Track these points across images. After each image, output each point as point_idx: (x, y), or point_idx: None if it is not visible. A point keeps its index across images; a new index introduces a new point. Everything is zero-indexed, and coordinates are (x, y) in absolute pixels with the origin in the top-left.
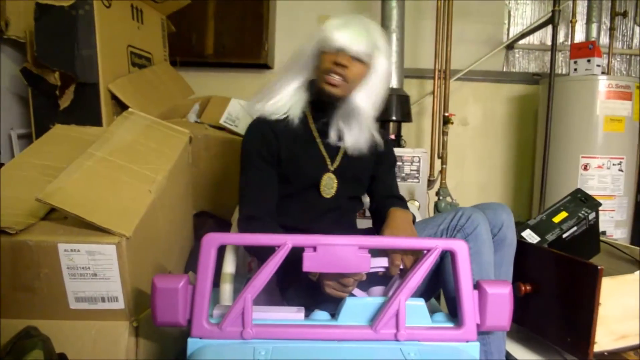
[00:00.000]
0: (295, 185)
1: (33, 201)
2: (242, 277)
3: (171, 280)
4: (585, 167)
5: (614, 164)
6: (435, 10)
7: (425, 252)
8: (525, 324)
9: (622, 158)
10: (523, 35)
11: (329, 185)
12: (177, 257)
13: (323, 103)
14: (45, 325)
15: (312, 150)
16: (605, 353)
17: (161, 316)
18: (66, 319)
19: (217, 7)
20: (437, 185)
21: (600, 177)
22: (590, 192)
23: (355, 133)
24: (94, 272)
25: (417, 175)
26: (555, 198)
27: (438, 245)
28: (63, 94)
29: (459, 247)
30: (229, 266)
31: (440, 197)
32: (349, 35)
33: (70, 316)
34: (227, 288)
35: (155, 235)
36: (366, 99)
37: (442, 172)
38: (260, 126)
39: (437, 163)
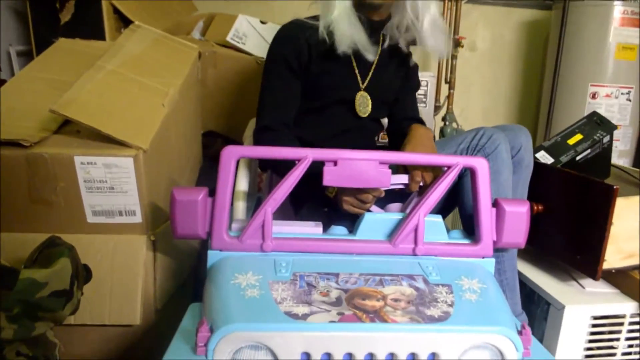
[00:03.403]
0: (322, 101)
1: (44, 114)
2: (252, 197)
3: (190, 193)
4: (594, 96)
5: (622, 93)
6: None
7: (445, 169)
8: (535, 243)
9: (631, 88)
10: None
11: (363, 104)
12: (188, 174)
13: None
14: (64, 238)
15: (345, 68)
16: (613, 270)
17: (181, 228)
18: (84, 232)
19: None
20: (443, 111)
21: (608, 106)
22: None
23: (404, 35)
24: (111, 186)
25: (424, 100)
26: (562, 126)
27: (459, 162)
28: (63, 8)
29: (480, 164)
30: (242, 183)
31: (447, 123)
32: None
33: (89, 230)
34: (240, 205)
35: (169, 150)
36: None
37: (450, 97)
38: (293, 31)
39: (444, 88)
